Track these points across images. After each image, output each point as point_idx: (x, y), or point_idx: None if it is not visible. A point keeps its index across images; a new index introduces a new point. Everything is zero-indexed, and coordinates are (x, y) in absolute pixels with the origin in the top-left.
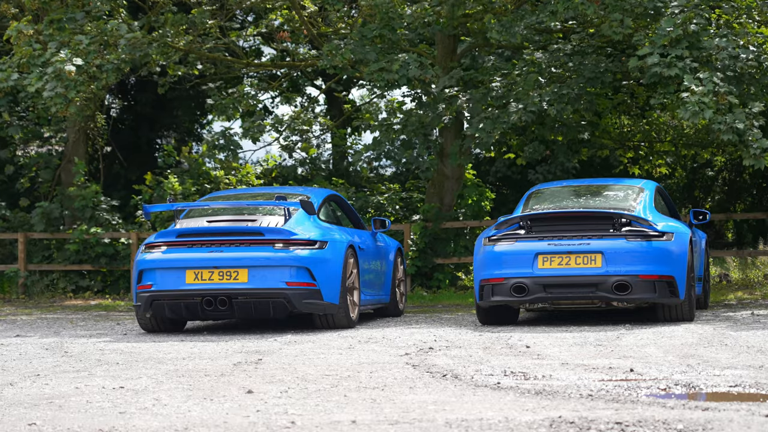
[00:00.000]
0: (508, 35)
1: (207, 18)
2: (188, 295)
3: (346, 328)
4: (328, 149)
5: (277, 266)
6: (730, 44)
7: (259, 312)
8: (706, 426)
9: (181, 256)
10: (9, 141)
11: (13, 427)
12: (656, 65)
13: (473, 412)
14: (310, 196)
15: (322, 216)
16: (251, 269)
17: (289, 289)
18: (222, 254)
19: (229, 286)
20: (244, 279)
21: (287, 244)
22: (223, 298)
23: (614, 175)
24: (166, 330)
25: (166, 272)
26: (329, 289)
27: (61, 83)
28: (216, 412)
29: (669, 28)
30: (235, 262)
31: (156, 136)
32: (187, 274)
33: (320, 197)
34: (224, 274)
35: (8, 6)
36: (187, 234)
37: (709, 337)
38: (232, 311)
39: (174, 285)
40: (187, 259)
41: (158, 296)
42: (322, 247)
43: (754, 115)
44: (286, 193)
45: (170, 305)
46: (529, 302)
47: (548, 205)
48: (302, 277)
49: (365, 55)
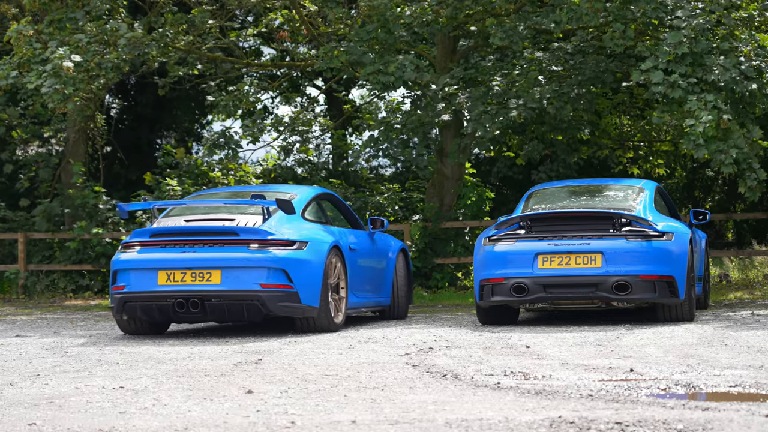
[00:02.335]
0: (510, 42)
1: (207, 18)
2: (160, 297)
3: (327, 332)
4: (327, 149)
5: (251, 267)
6: (731, 62)
7: (232, 315)
8: (706, 426)
9: (154, 257)
10: (8, 141)
11: (13, 427)
12: (660, 85)
13: (473, 412)
14: (296, 195)
15: (308, 215)
16: (224, 270)
17: (263, 291)
18: (195, 254)
19: (202, 287)
20: (217, 280)
21: (263, 244)
22: (195, 300)
23: (614, 175)
24: (146, 332)
25: (139, 273)
26: (308, 291)
27: (59, 80)
28: (216, 412)
29: (674, 43)
30: (207, 263)
31: (156, 136)
32: (160, 275)
33: (308, 196)
34: (197, 276)
35: (8, 6)
36: (160, 234)
37: (709, 337)
38: (204, 314)
39: (146, 286)
40: (160, 260)
41: (130, 298)
42: (301, 247)
43: (752, 141)
44: (272, 192)
45: (142, 307)
46: (529, 302)
47: (548, 205)
48: (278, 279)
49: (361, 57)
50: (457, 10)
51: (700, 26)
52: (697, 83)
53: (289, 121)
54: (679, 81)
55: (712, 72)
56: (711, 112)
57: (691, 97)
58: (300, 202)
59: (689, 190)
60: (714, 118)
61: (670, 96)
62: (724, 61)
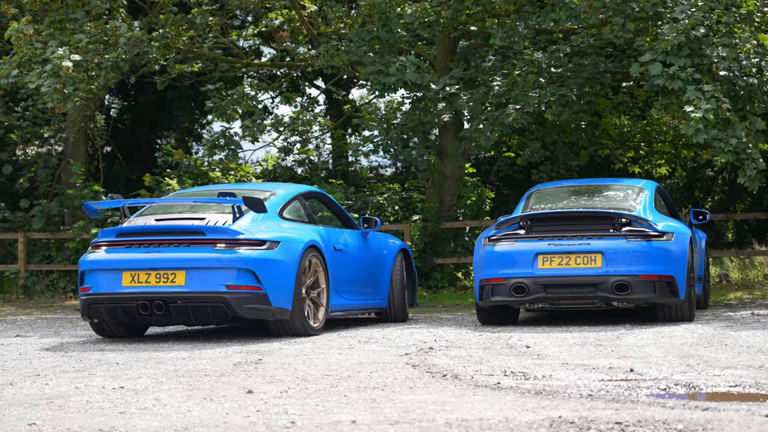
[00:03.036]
0: (510, 42)
1: (207, 18)
2: (125, 299)
3: (303, 335)
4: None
5: (216, 268)
6: (731, 54)
7: (198, 317)
8: (706, 426)
9: (118, 257)
10: (8, 141)
11: (13, 427)
12: (658, 77)
13: (473, 412)
14: (275, 192)
15: (288, 214)
16: (189, 271)
17: (229, 292)
18: (159, 255)
19: (166, 289)
20: (182, 282)
21: (230, 244)
22: (160, 302)
23: (615, 174)
24: (120, 335)
25: (104, 274)
26: (278, 293)
27: (59, 79)
28: (216, 412)
29: (672, 34)
30: (172, 264)
31: (156, 136)
32: (124, 276)
33: (288, 194)
34: (161, 277)
35: (8, 6)
36: (126, 233)
37: (709, 337)
38: (170, 316)
39: (111, 288)
40: (124, 260)
41: (95, 300)
42: (272, 247)
43: (755, 133)
44: (251, 190)
45: (107, 309)
46: (529, 302)
47: (548, 205)
48: (245, 280)
49: (361, 57)
50: (457, 11)
51: (699, 18)
52: (696, 72)
53: (289, 121)
54: (678, 73)
55: (711, 61)
56: (710, 101)
57: (690, 87)
58: (279, 201)
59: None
60: (713, 106)
61: (669, 87)
62: (722, 51)
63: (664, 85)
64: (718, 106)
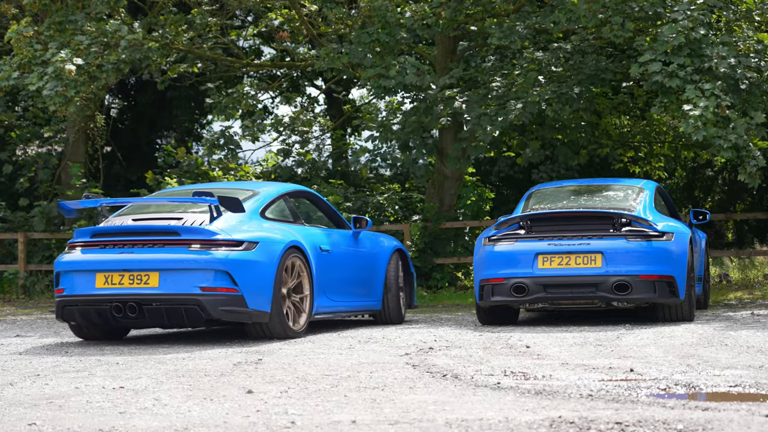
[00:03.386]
0: (509, 42)
1: (207, 18)
2: (98, 301)
3: (283, 339)
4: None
5: (190, 269)
6: (731, 53)
7: (172, 320)
8: (706, 426)
9: (92, 258)
10: (8, 141)
11: (13, 427)
12: (658, 74)
13: (473, 412)
14: (258, 192)
15: (270, 214)
16: (162, 272)
17: (203, 294)
18: (132, 256)
19: (139, 291)
20: (155, 283)
21: (206, 244)
22: (133, 304)
23: (614, 173)
24: (99, 337)
25: (78, 275)
26: (256, 295)
27: (61, 82)
28: (216, 412)
29: (672, 35)
30: (145, 265)
31: (156, 136)
32: (97, 278)
33: (272, 194)
34: (134, 278)
35: (8, 6)
36: (100, 233)
37: (709, 337)
38: (143, 318)
39: (84, 289)
40: (97, 261)
41: (69, 302)
42: (250, 248)
43: (755, 126)
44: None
45: (80, 311)
46: (529, 302)
47: (548, 205)
48: (221, 282)
49: (361, 60)
50: (456, 12)
51: (699, 20)
52: (695, 72)
53: (289, 122)
54: (678, 71)
55: (710, 60)
56: (709, 99)
57: (689, 86)
58: (261, 200)
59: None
60: (712, 103)
61: (668, 85)
62: (722, 50)
63: (663, 83)
64: (717, 104)
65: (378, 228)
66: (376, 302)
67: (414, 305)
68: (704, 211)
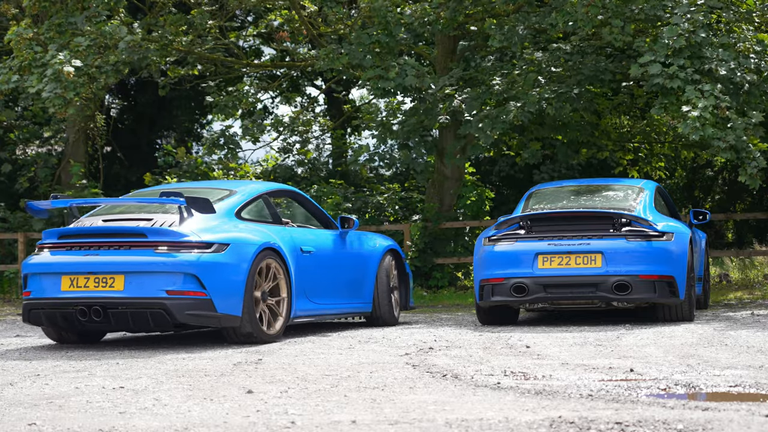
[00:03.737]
0: (509, 43)
1: (207, 19)
2: (64, 304)
3: (257, 343)
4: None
5: (156, 272)
6: (730, 55)
7: (138, 324)
8: (706, 426)
9: (59, 260)
10: (8, 141)
11: (13, 427)
12: (658, 76)
13: (473, 412)
14: (236, 191)
15: (247, 214)
16: (128, 275)
17: (169, 298)
18: (98, 258)
19: (104, 294)
20: (120, 287)
21: (174, 246)
22: (98, 308)
23: (614, 176)
24: (74, 341)
25: (45, 278)
26: (225, 299)
27: (60, 84)
28: (216, 412)
29: (673, 37)
30: (110, 268)
31: (156, 136)
32: (63, 281)
33: (250, 194)
34: (100, 281)
35: (8, 6)
36: (67, 235)
37: (709, 337)
38: (109, 323)
39: (50, 292)
40: (63, 264)
41: (35, 305)
42: (220, 250)
43: (753, 126)
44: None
45: (46, 315)
46: (529, 302)
47: (548, 205)
48: (188, 285)
49: (361, 61)
50: (456, 11)
51: (699, 21)
52: (695, 73)
53: (289, 121)
54: (678, 73)
55: (710, 62)
56: (708, 99)
57: (689, 87)
58: (238, 201)
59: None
60: (711, 103)
61: (668, 87)
62: (722, 53)
63: (663, 84)
64: (717, 104)
65: (378, 228)
66: (366, 304)
67: (410, 306)
68: (704, 211)
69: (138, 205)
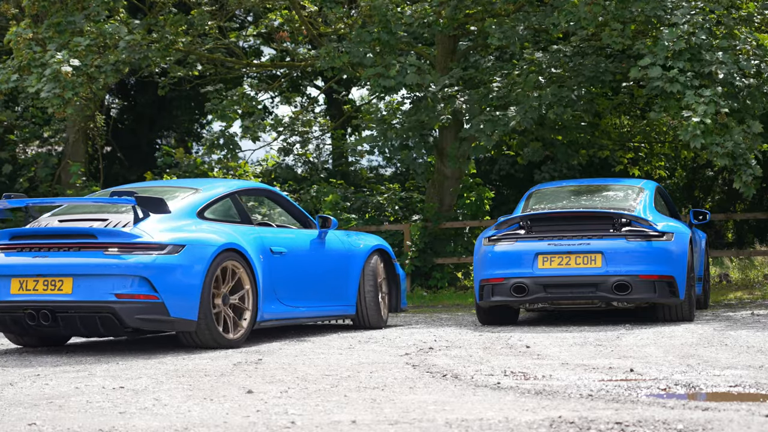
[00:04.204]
0: (508, 42)
1: (207, 19)
2: (12, 308)
3: (217, 348)
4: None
5: (105, 275)
6: (731, 58)
7: (87, 329)
8: (706, 426)
9: (8, 262)
10: (8, 141)
11: (13, 427)
12: (658, 80)
13: (473, 412)
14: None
15: (212, 214)
16: (76, 278)
17: (118, 302)
18: (47, 260)
19: (53, 297)
20: (69, 290)
21: (125, 248)
22: (46, 311)
23: (614, 176)
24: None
25: None
26: (179, 302)
27: (58, 84)
28: (216, 412)
29: (673, 39)
30: (59, 270)
31: (156, 136)
32: (12, 283)
33: (217, 193)
34: (49, 284)
35: (8, 6)
36: (20, 236)
37: (709, 337)
38: (58, 327)
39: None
40: (12, 266)
41: None
42: (174, 251)
43: (752, 135)
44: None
45: None
46: (529, 302)
47: (548, 205)
48: (138, 288)
49: (362, 59)
50: (457, 10)
51: (699, 24)
52: (695, 77)
53: (289, 121)
54: (678, 76)
55: (710, 66)
56: (709, 105)
57: (689, 91)
58: (201, 200)
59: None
60: (711, 110)
61: (668, 90)
62: (722, 56)
63: (662, 87)
64: (716, 111)
65: (378, 228)
66: (348, 306)
67: (402, 308)
68: (704, 211)
69: (97, 206)
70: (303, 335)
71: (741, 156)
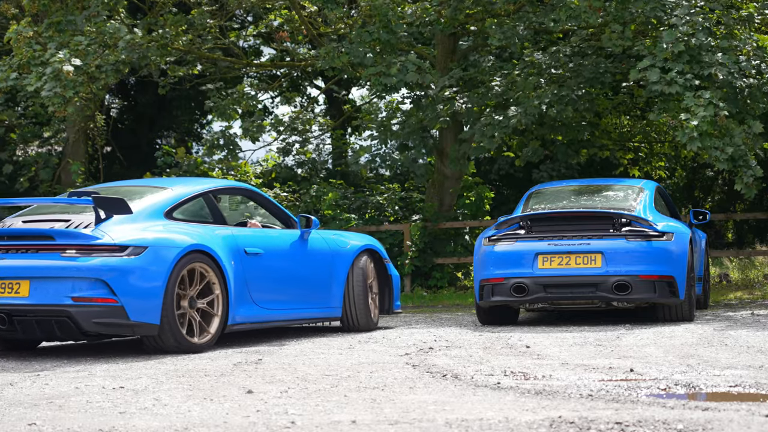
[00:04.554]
0: (509, 43)
1: (206, 18)
2: None
3: (181, 353)
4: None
5: (62, 278)
6: (730, 59)
7: (44, 333)
8: (706, 426)
9: None
10: (8, 141)
11: (13, 427)
12: (657, 83)
13: (473, 412)
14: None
15: (181, 214)
16: (33, 281)
17: (74, 305)
18: (4, 262)
19: (9, 300)
20: (25, 293)
21: (83, 250)
22: (2, 315)
23: (615, 175)
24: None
25: None
26: (140, 306)
27: (59, 83)
28: (216, 412)
29: (671, 42)
30: (15, 272)
31: (156, 136)
32: None
33: (188, 193)
34: (5, 287)
35: (8, 6)
36: None
37: (709, 337)
38: (15, 331)
39: None
40: None
41: None
42: (135, 253)
43: (753, 135)
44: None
45: None
46: (529, 302)
47: (548, 205)
48: (95, 291)
49: (362, 59)
50: (457, 11)
51: (699, 24)
52: (694, 78)
53: (289, 121)
54: (677, 78)
55: (709, 68)
56: (707, 108)
57: (688, 94)
58: (169, 200)
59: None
60: (710, 113)
61: (667, 92)
62: (722, 58)
63: (662, 90)
64: (716, 113)
65: (378, 228)
66: (333, 309)
67: (395, 310)
68: (704, 211)
69: (63, 206)
70: (303, 335)
71: (741, 158)
